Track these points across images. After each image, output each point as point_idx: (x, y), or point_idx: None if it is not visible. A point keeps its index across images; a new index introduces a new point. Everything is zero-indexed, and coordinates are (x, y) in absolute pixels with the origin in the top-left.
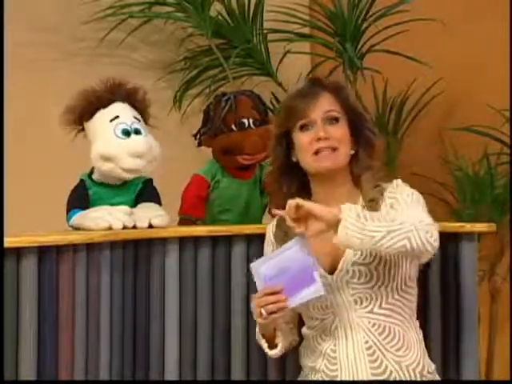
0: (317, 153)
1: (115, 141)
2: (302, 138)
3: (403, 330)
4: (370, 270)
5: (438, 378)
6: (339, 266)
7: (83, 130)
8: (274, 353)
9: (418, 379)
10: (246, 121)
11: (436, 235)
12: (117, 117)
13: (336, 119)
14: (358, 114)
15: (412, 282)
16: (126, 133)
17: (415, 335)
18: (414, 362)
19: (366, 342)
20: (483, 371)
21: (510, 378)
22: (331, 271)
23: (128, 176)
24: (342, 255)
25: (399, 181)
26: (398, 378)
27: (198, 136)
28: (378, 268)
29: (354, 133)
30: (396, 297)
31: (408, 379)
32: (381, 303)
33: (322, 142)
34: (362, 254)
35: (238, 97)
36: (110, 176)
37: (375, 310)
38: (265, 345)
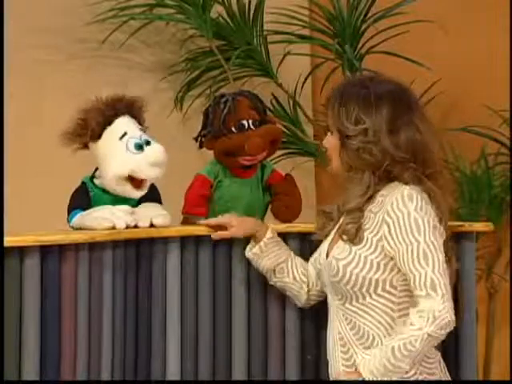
0: None
1: (132, 156)
2: None
3: (374, 331)
4: (338, 266)
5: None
6: (329, 255)
7: (85, 147)
8: (247, 253)
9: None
10: (245, 122)
11: (447, 314)
12: (125, 133)
13: (329, 130)
14: (340, 125)
15: (395, 289)
16: (139, 146)
17: None
18: None
19: (339, 333)
20: (481, 370)
21: (510, 378)
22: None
23: (136, 195)
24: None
25: (404, 192)
26: None
27: (199, 139)
28: (347, 268)
29: (343, 146)
30: (368, 300)
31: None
32: (351, 301)
33: None
34: (340, 249)
35: (236, 98)
36: (122, 195)
37: (347, 305)
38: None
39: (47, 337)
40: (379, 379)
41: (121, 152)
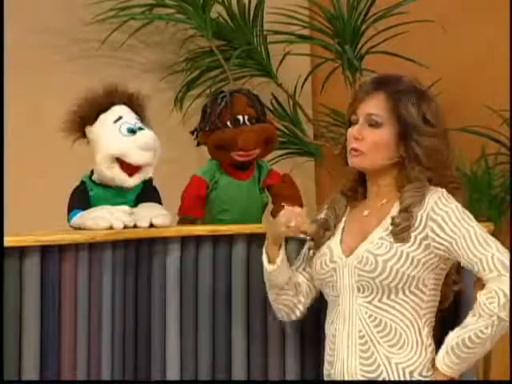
0: (351, 151)
1: (123, 138)
2: (348, 131)
3: (401, 328)
4: (377, 261)
5: None
6: (355, 251)
7: (83, 136)
8: (270, 267)
9: (407, 378)
10: (240, 117)
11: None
12: (120, 117)
13: (377, 124)
14: (406, 123)
15: (425, 287)
16: (132, 131)
17: (418, 338)
18: (407, 361)
19: (360, 331)
20: (481, 370)
21: (510, 378)
22: (349, 255)
23: (129, 184)
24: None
25: (444, 192)
26: (386, 374)
27: (196, 134)
28: (387, 263)
29: (402, 141)
30: (400, 296)
31: (396, 377)
32: (381, 297)
33: (355, 141)
34: (377, 244)
35: (234, 94)
36: (112, 182)
37: (374, 302)
38: (265, 260)
39: (47, 336)
40: (456, 371)
41: (112, 134)
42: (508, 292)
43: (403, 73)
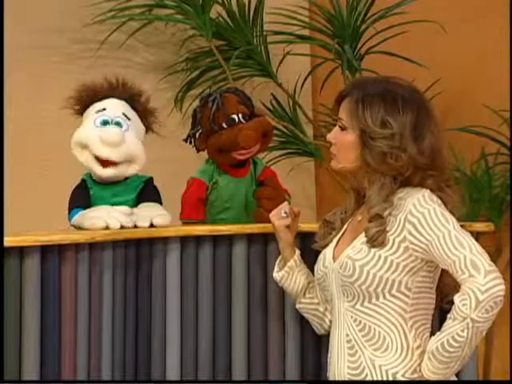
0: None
1: (92, 129)
2: None
3: (385, 332)
4: (354, 266)
5: None
6: (340, 257)
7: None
8: (275, 274)
9: (390, 379)
10: (235, 116)
11: (493, 290)
12: (104, 109)
13: (344, 128)
14: (361, 128)
15: (409, 290)
16: (105, 123)
17: (403, 341)
18: (391, 363)
19: (347, 335)
20: (481, 370)
21: (510, 378)
22: (336, 260)
23: (100, 173)
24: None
25: (425, 194)
26: (370, 376)
27: (190, 139)
28: (364, 268)
29: (362, 145)
30: (381, 300)
31: (379, 379)
32: (363, 302)
33: (331, 145)
34: (357, 249)
35: (223, 95)
36: (88, 168)
37: (357, 306)
38: (275, 269)
39: (47, 337)
40: (441, 377)
41: (87, 123)
42: (481, 295)
43: (403, 73)
